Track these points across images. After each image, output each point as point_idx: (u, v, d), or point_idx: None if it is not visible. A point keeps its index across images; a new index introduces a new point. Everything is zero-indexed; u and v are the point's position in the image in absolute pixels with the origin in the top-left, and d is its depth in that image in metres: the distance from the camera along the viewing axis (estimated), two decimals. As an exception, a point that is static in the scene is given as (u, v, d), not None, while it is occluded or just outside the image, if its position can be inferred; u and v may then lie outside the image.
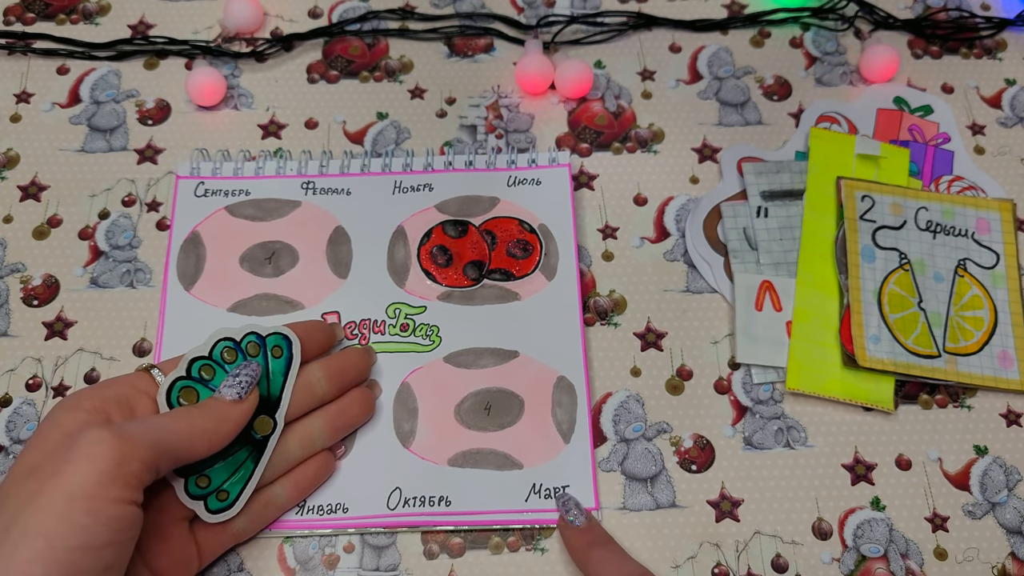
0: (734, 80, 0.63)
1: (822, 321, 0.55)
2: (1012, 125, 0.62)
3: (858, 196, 0.57)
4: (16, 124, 0.60)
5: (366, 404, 0.50)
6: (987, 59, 0.64)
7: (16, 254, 0.56)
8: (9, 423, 0.52)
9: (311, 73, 0.63)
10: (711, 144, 0.61)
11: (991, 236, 0.57)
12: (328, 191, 0.58)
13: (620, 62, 0.63)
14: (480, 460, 0.51)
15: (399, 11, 0.65)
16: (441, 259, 0.56)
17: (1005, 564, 0.49)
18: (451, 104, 0.62)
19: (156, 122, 0.61)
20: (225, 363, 0.46)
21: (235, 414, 0.44)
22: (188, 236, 0.56)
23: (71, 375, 0.53)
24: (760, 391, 0.53)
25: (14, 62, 0.63)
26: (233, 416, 0.44)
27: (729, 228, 0.57)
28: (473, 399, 0.52)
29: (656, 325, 0.55)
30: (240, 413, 0.45)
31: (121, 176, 0.59)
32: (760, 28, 0.65)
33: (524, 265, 0.56)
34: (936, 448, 0.52)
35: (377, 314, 0.54)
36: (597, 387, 0.53)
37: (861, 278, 0.55)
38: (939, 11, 0.66)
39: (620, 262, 0.57)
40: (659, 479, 0.51)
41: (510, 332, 0.54)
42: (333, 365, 0.49)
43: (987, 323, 0.55)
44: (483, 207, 0.57)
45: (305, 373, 0.48)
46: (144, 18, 0.64)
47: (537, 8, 0.65)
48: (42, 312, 0.55)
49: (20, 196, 0.58)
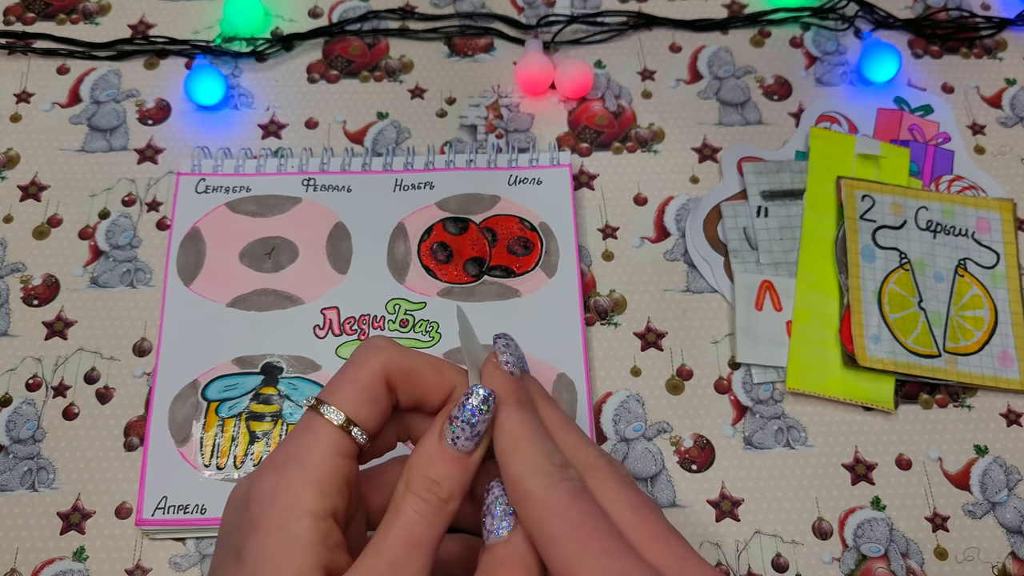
0: (734, 80, 0.63)
1: (822, 321, 0.55)
2: (1012, 125, 0.62)
3: (858, 196, 0.57)
4: (16, 124, 0.60)
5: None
6: (987, 59, 0.64)
7: (16, 254, 0.56)
8: (9, 423, 0.52)
9: (311, 73, 0.63)
10: (711, 144, 0.61)
11: (991, 236, 0.57)
12: (329, 188, 0.58)
13: (620, 62, 0.63)
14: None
15: (399, 11, 0.65)
16: (441, 255, 0.56)
17: (1005, 564, 0.49)
18: (451, 104, 0.62)
19: (156, 122, 0.61)
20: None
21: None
22: (188, 232, 0.56)
23: (71, 375, 0.53)
24: (760, 391, 0.53)
25: (14, 62, 0.63)
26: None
27: (729, 228, 0.57)
28: (473, 398, 0.52)
29: (656, 325, 0.55)
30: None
31: (121, 176, 0.59)
32: (760, 28, 0.65)
33: (524, 262, 0.56)
34: (936, 448, 0.52)
35: (377, 309, 0.54)
36: (597, 387, 0.53)
37: (861, 278, 0.55)
38: (939, 11, 0.66)
39: (620, 262, 0.57)
40: (659, 479, 0.51)
41: (510, 329, 0.53)
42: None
43: (987, 323, 0.55)
44: (484, 205, 0.57)
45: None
46: (144, 18, 0.64)
47: (537, 8, 0.65)
48: (42, 312, 0.55)
49: (20, 196, 0.58)
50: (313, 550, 0.34)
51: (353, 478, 0.37)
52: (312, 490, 0.35)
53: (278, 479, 0.35)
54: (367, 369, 0.37)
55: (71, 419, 0.52)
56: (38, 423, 0.52)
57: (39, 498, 0.50)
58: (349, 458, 0.36)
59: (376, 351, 0.38)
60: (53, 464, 0.51)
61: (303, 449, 0.36)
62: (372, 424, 0.37)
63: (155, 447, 0.50)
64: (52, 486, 0.50)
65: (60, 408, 0.52)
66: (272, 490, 0.35)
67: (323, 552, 0.34)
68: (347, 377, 0.37)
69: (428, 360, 0.39)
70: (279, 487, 0.35)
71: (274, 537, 0.34)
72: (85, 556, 0.49)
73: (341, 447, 0.36)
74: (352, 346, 0.53)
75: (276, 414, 0.51)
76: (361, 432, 0.36)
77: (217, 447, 0.51)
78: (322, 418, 0.36)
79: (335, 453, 0.36)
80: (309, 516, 0.34)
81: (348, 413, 0.36)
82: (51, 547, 0.49)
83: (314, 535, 0.34)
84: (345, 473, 0.36)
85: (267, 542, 0.34)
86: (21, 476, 0.50)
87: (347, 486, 0.36)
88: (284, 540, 0.34)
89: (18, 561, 0.48)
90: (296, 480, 0.35)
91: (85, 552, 0.49)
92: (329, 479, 0.35)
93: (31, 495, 0.50)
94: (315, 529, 0.34)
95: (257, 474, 0.36)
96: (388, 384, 0.38)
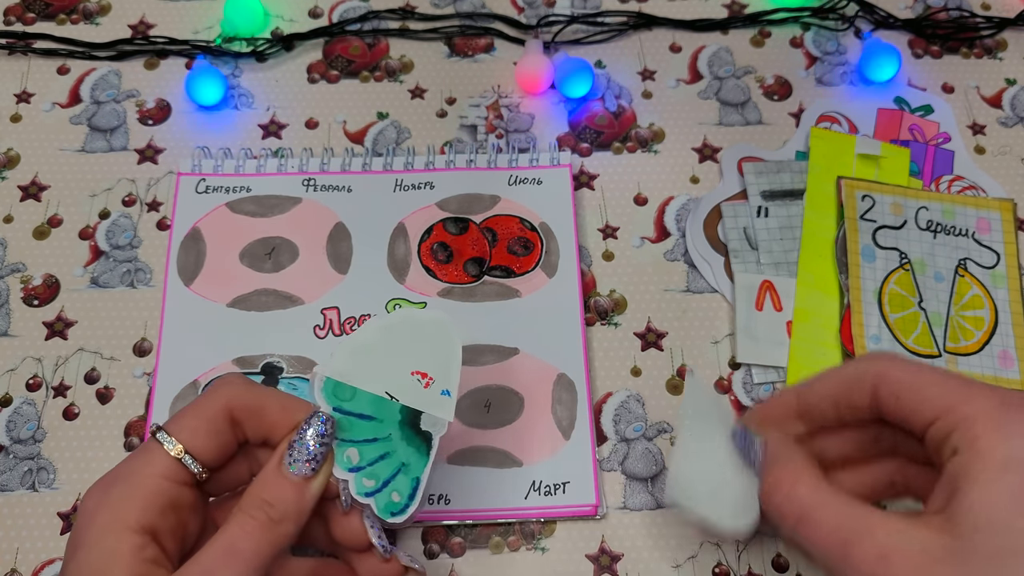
0: (734, 80, 0.63)
1: (822, 321, 0.55)
2: (1012, 125, 0.62)
3: (858, 196, 0.57)
4: (16, 124, 0.60)
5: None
6: (987, 59, 0.64)
7: (16, 254, 0.56)
8: (9, 423, 0.52)
9: (311, 73, 0.63)
10: (711, 144, 0.61)
11: (991, 236, 0.57)
12: (329, 188, 0.58)
13: (620, 62, 0.63)
14: (479, 458, 0.50)
15: (399, 11, 0.65)
16: (441, 255, 0.56)
17: (1006, 563, 0.49)
18: (451, 104, 0.62)
19: (156, 122, 0.61)
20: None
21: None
22: (188, 232, 0.56)
23: (71, 375, 0.53)
24: (760, 391, 0.53)
25: (14, 62, 0.63)
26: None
27: (729, 228, 0.57)
28: (473, 396, 0.52)
29: (656, 325, 0.55)
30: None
31: (121, 176, 0.59)
32: (760, 28, 0.65)
33: (525, 262, 0.56)
34: (937, 447, 0.52)
35: (377, 310, 0.54)
36: (598, 387, 0.53)
37: (861, 278, 0.55)
38: (939, 11, 0.66)
39: (620, 262, 0.57)
40: (660, 479, 0.51)
41: (510, 329, 0.54)
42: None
43: (987, 323, 0.55)
44: (484, 205, 0.57)
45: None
46: (144, 18, 0.64)
47: (537, 8, 0.65)
48: (42, 312, 0.55)
49: (20, 196, 0.58)
50: (125, 562, 0.35)
51: (184, 504, 0.38)
52: (131, 507, 0.37)
53: (103, 497, 0.37)
54: (210, 403, 0.39)
55: (71, 419, 0.52)
56: (38, 423, 0.52)
57: (39, 498, 0.50)
58: (181, 485, 0.38)
59: (223, 386, 0.40)
60: (53, 464, 0.51)
61: (134, 470, 0.38)
62: (209, 455, 0.39)
63: (155, 447, 0.50)
64: (52, 486, 0.50)
65: (60, 408, 0.52)
66: (95, 507, 0.37)
67: (137, 565, 0.35)
68: (191, 409, 0.39)
69: (277, 397, 0.40)
70: (102, 504, 0.37)
71: (90, 552, 0.36)
72: (85, 556, 0.49)
73: (172, 474, 0.38)
74: (352, 346, 0.53)
75: (276, 414, 0.51)
76: (195, 462, 0.38)
77: (217, 447, 0.51)
78: (159, 445, 0.38)
79: (164, 478, 0.37)
80: (126, 531, 0.36)
81: (184, 443, 0.38)
82: (51, 547, 0.49)
83: (127, 548, 0.36)
84: (172, 497, 0.38)
85: (84, 558, 0.36)
86: (21, 476, 0.50)
87: (173, 510, 0.38)
88: (99, 555, 0.36)
89: (18, 561, 0.48)
90: (117, 498, 0.37)
91: (85, 552, 0.49)
92: (152, 500, 0.37)
93: (31, 495, 0.50)
94: (129, 542, 0.36)
95: (88, 491, 0.38)
96: (233, 419, 0.39)
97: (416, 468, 0.41)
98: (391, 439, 0.41)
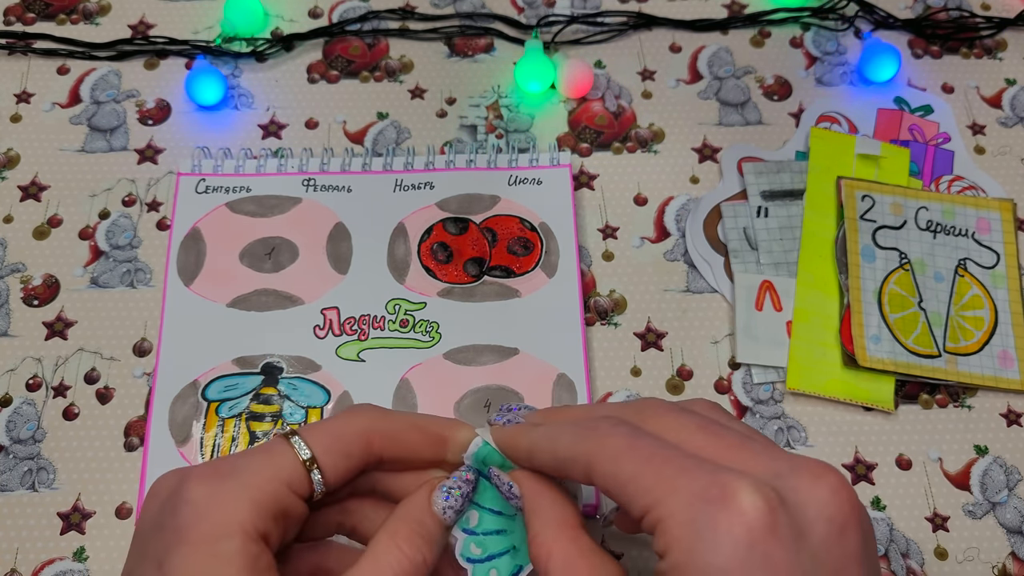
0: (734, 80, 0.63)
1: (822, 321, 0.55)
2: (1012, 125, 0.62)
3: (858, 196, 0.57)
4: (16, 124, 0.60)
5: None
6: (987, 59, 0.64)
7: (16, 254, 0.56)
8: (9, 423, 0.52)
9: (311, 73, 0.63)
10: (711, 144, 0.61)
11: (991, 236, 0.57)
12: (329, 188, 0.58)
13: (620, 62, 0.64)
14: (480, 459, 0.50)
15: (399, 11, 0.65)
16: (441, 255, 0.56)
17: (1005, 564, 0.49)
18: (451, 104, 0.62)
19: (156, 122, 0.61)
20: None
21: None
22: (188, 232, 0.56)
23: (71, 375, 0.53)
24: (760, 391, 0.53)
25: (14, 62, 0.63)
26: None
27: (729, 228, 0.57)
28: (473, 396, 0.52)
29: (656, 325, 0.55)
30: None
31: (121, 176, 0.59)
32: (760, 28, 0.65)
33: (525, 262, 0.56)
34: (936, 448, 0.52)
35: (377, 310, 0.54)
36: (597, 387, 0.53)
37: (861, 278, 0.55)
38: (939, 11, 0.66)
39: (620, 262, 0.57)
40: (659, 478, 0.51)
41: (510, 329, 0.54)
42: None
43: (987, 323, 0.55)
44: (484, 205, 0.57)
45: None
46: (144, 18, 0.64)
47: (537, 8, 0.65)
48: (42, 312, 0.55)
49: (20, 196, 0.58)
50: (240, 572, 0.32)
51: (294, 518, 0.36)
52: (249, 508, 0.33)
53: (216, 488, 0.34)
54: (348, 425, 0.37)
55: (71, 419, 0.52)
56: (38, 423, 0.52)
57: (39, 498, 0.50)
58: (297, 496, 0.35)
59: (362, 411, 0.38)
60: (53, 464, 0.51)
61: (253, 466, 0.35)
62: (334, 475, 0.36)
63: (155, 447, 0.50)
64: (52, 486, 0.50)
65: (60, 408, 0.52)
66: (207, 499, 0.33)
67: (253, 575, 0.32)
68: (325, 426, 0.37)
69: (411, 419, 0.39)
70: (216, 498, 0.33)
71: (202, 554, 0.32)
72: (85, 556, 0.49)
73: (294, 482, 0.35)
74: (352, 346, 0.53)
75: (276, 414, 0.51)
76: (320, 478, 0.36)
77: (217, 447, 0.51)
78: (289, 446, 0.36)
79: (285, 483, 0.35)
80: (241, 535, 0.33)
81: (316, 454, 0.36)
82: (51, 547, 0.49)
83: (244, 558, 0.32)
84: (285, 507, 0.35)
85: (193, 560, 0.32)
86: (21, 476, 0.50)
87: (285, 519, 0.35)
88: (212, 560, 0.32)
89: (18, 561, 0.48)
90: (234, 494, 0.33)
91: (85, 552, 0.49)
92: (270, 504, 0.34)
93: (31, 495, 0.50)
94: (245, 551, 0.33)
95: (193, 475, 0.34)
96: (369, 443, 0.37)
97: (523, 557, 0.40)
98: (515, 519, 0.40)
